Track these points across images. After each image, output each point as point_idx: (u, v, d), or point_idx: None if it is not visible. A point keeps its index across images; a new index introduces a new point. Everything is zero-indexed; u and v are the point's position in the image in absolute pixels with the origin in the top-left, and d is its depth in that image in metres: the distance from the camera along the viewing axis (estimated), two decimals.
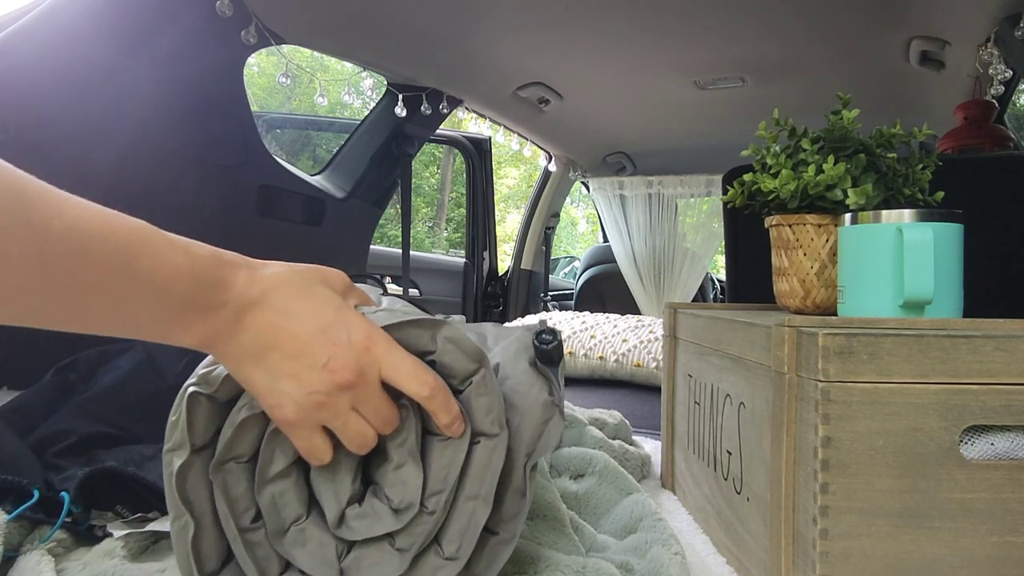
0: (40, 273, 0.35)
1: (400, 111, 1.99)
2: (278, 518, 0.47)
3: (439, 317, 0.49)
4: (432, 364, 0.48)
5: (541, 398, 0.52)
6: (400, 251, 2.30)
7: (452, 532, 0.48)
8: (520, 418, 0.52)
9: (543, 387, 0.53)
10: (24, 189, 0.35)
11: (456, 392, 0.49)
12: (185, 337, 0.41)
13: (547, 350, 0.54)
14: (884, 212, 0.65)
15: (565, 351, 2.03)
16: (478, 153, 2.79)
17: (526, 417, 0.52)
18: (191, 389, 0.47)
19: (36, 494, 0.65)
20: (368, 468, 0.49)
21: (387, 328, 0.47)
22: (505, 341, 0.58)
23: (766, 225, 0.81)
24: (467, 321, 0.77)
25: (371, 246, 2.21)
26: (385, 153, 2.09)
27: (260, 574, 0.48)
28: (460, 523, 0.48)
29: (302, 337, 0.42)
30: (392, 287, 2.46)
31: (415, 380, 0.45)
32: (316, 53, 1.86)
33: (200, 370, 0.48)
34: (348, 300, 0.48)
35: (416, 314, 0.49)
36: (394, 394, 0.46)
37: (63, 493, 0.67)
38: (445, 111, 2.13)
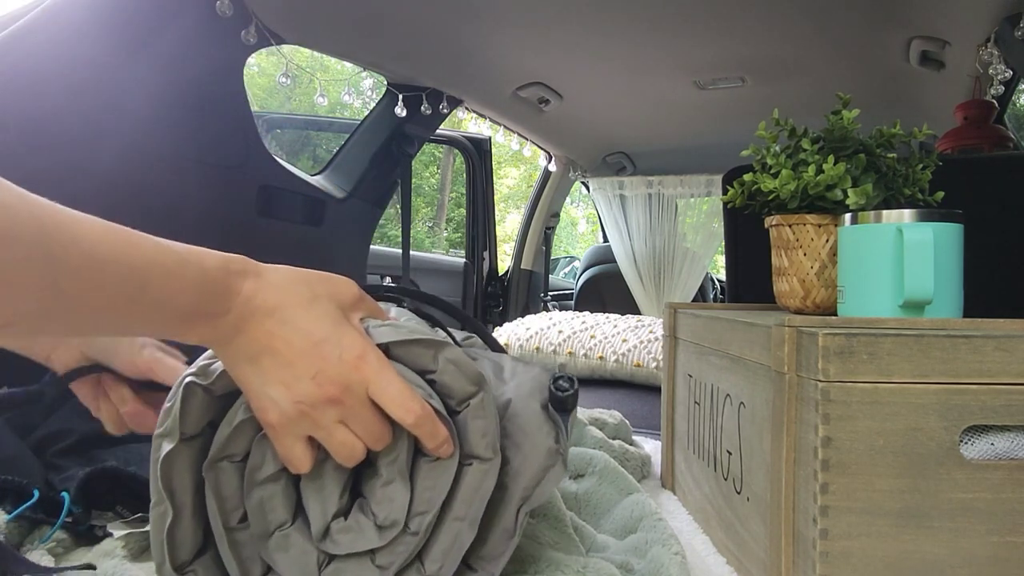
0: (54, 300, 0.35)
1: (400, 111, 1.99)
2: (264, 521, 0.48)
3: (441, 338, 0.49)
4: (432, 383, 0.48)
5: (547, 444, 0.52)
6: (400, 251, 2.30)
7: (436, 552, 0.48)
8: (522, 459, 0.51)
9: (550, 433, 0.52)
10: (41, 217, 0.35)
11: (453, 413, 0.49)
12: (186, 337, 0.43)
13: (562, 397, 0.54)
14: (884, 212, 0.65)
15: (565, 351, 2.03)
16: (478, 153, 2.79)
17: (528, 460, 0.51)
18: (188, 378, 0.48)
19: (36, 494, 0.65)
20: (359, 481, 0.49)
21: (390, 344, 0.47)
22: (521, 377, 0.57)
23: (766, 225, 0.81)
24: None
25: (371, 246, 2.21)
26: (385, 153, 2.09)
27: (242, 574, 0.48)
28: (444, 543, 0.48)
29: (295, 347, 0.43)
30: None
31: (400, 406, 0.45)
32: (316, 53, 1.86)
33: (200, 361, 0.49)
34: (355, 312, 0.48)
35: (421, 332, 0.49)
36: None
37: (63, 493, 0.67)
38: (445, 111, 2.13)
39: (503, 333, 2.15)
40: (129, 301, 0.38)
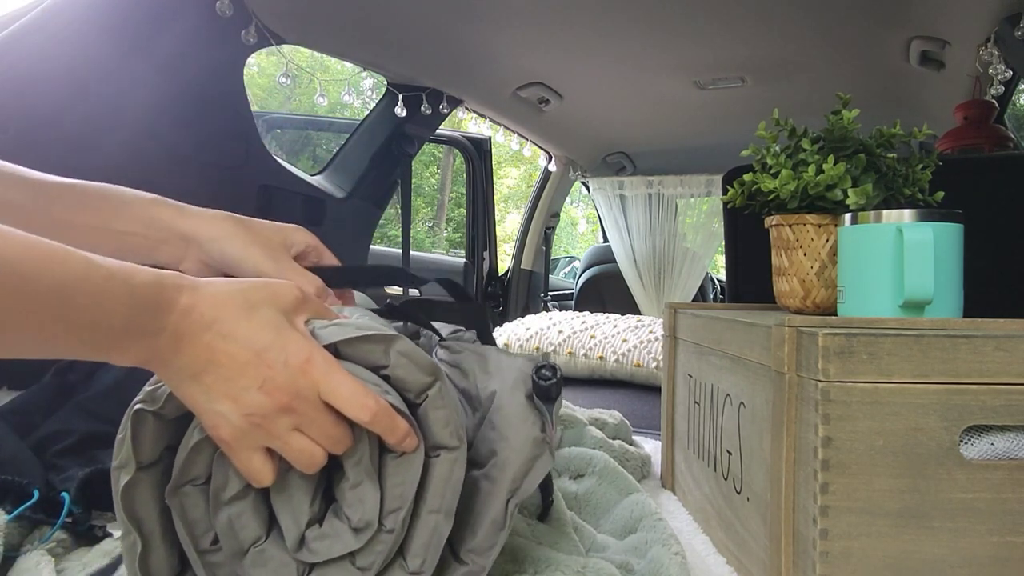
0: None
1: (400, 111, 1.99)
2: (236, 540, 0.47)
3: (392, 332, 0.48)
4: (387, 379, 0.48)
5: (532, 434, 0.52)
6: (400, 251, 2.30)
7: (416, 546, 0.47)
8: (509, 451, 0.51)
9: (536, 422, 0.52)
10: None
11: (413, 406, 0.48)
12: (121, 359, 0.41)
13: (545, 386, 0.54)
14: (884, 212, 0.65)
15: (565, 351, 2.03)
16: (478, 153, 2.79)
17: (515, 450, 0.51)
18: (137, 406, 0.47)
19: (36, 494, 0.65)
20: (332, 485, 0.49)
21: (338, 344, 0.46)
22: (505, 369, 0.57)
23: (766, 225, 0.81)
24: (468, 324, 0.77)
25: (371, 246, 2.21)
26: (385, 153, 2.09)
27: None
28: (423, 537, 0.47)
29: (238, 359, 0.42)
30: (391, 288, 2.46)
31: (353, 405, 0.44)
32: (316, 53, 1.86)
33: (147, 387, 0.48)
34: (298, 316, 0.47)
35: (369, 328, 0.48)
36: None
37: (63, 493, 0.67)
38: (445, 111, 2.13)
39: (503, 333, 2.15)
40: (53, 320, 0.36)
